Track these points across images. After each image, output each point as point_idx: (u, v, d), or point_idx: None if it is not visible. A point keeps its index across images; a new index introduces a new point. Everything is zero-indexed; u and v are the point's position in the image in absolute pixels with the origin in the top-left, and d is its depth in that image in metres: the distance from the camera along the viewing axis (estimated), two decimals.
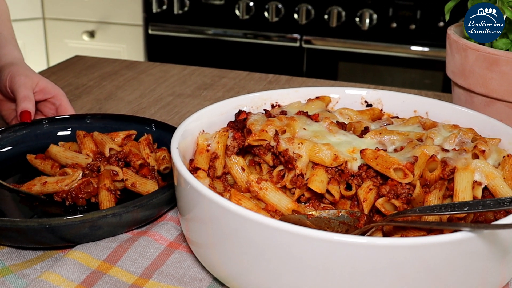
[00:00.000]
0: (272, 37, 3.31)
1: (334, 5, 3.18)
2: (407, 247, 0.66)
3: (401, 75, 3.29)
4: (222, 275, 0.78)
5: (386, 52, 3.22)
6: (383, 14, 3.15)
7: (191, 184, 0.75)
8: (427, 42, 3.15)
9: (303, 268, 0.69)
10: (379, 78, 3.31)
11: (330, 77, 3.27)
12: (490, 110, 1.01)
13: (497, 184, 0.83)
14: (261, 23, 3.29)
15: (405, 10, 3.12)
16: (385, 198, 0.84)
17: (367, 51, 3.25)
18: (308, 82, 1.61)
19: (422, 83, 3.28)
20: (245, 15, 3.28)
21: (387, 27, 3.17)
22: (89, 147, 1.04)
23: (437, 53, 3.15)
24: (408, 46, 3.17)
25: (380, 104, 1.07)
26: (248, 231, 0.70)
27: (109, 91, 1.49)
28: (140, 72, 1.64)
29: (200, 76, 1.64)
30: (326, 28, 3.24)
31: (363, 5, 3.15)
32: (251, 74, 1.67)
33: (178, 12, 3.31)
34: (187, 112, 1.38)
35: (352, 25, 3.20)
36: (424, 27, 3.12)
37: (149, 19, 3.36)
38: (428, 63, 3.20)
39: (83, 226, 0.83)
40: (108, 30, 3.45)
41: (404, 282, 0.68)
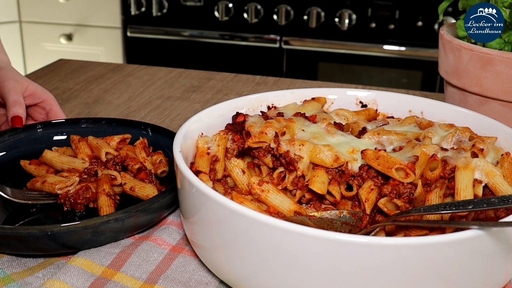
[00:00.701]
0: (252, 38, 3.31)
1: (313, 5, 3.19)
2: (417, 247, 0.66)
3: (380, 74, 3.32)
4: (229, 278, 0.78)
5: (366, 52, 3.25)
6: (362, 14, 3.17)
7: (197, 187, 0.75)
8: (405, 41, 3.18)
9: (311, 268, 0.69)
10: (358, 78, 3.33)
11: (310, 77, 3.28)
12: (484, 109, 1.02)
13: (497, 182, 0.83)
14: (241, 24, 3.29)
15: (384, 10, 3.15)
16: (387, 198, 0.84)
17: (347, 51, 3.27)
18: (295, 83, 1.62)
19: (401, 82, 3.31)
20: (224, 17, 3.27)
21: (366, 27, 3.19)
22: (85, 152, 1.03)
23: (416, 53, 3.18)
24: (387, 45, 3.20)
25: (375, 104, 1.08)
26: (257, 233, 0.70)
27: (96, 95, 1.48)
28: (126, 75, 1.63)
29: (188, 78, 1.63)
30: (306, 29, 3.25)
31: (342, 6, 3.17)
32: (238, 76, 1.66)
33: (156, 14, 3.29)
34: (177, 115, 1.37)
35: (331, 26, 3.21)
36: (403, 26, 3.15)
37: (128, 21, 3.34)
38: (407, 62, 3.23)
39: (85, 232, 0.82)
40: (86, 33, 3.42)
41: (411, 282, 0.69)
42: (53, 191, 0.95)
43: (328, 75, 3.36)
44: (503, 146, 0.93)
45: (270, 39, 3.30)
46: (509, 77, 0.97)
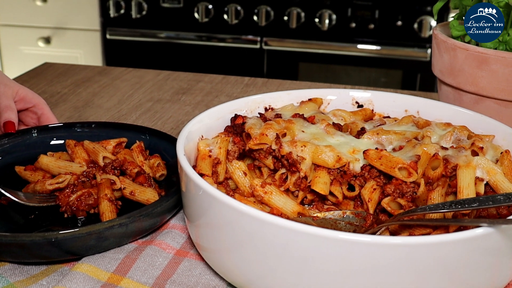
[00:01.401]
0: (232, 40, 3.31)
1: (294, 6, 3.20)
2: (427, 246, 0.67)
3: (360, 74, 3.34)
4: (237, 280, 0.77)
5: (346, 52, 3.26)
6: (342, 15, 3.19)
7: (204, 190, 0.75)
8: (385, 41, 3.20)
9: (322, 269, 0.69)
10: (338, 78, 3.35)
11: (290, 77, 3.29)
12: (479, 108, 1.03)
13: (498, 179, 0.84)
14: (221, 25, 3.28)
15: (364, 10, 3.17)
16: (391, 197, 0.85)
17: (327, 51, 3.28)
18: (284, 84, 1.62)
19: (381, 81, 3.34)
20: (204, 18, 3.26)
21: (346, 27, 3.21)
22: (81, 156, 1.01)
23: (395, 52, 3.21)
24: (367, 45, 3.22)
25: (371, 104, 1.09)
26: (266, 234, 0.70)
27: (85, 98, 1.46)
28: (114, 78, 1.61)
29: (176, 80, 1.62)
30: (286, 29, 3.25)
31: (322, 6, 3.18)
32: (227, 78, 1.66)
33: (136, 16, 3.27)
34: (169, 117, 1.36)
35: (311, 26, 3.23)
36: (383, 26, 3.17)
37: (107, 24, 3.31)
38: (387, 61, 3.26)
39: (89, 238, 0.81)
40: (65, 35, 3.38)
41: (420, 281, 0.69)
42: (44, 188, 0.94)
43: (309, 75, 3.37)
44: (501, 144, 0.94)
45: (250, 40, 3.30)
46: (505, 76, 0.98)
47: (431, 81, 3.23)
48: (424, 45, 3.15)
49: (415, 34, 3.14)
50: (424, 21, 3.09)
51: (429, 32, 3.11)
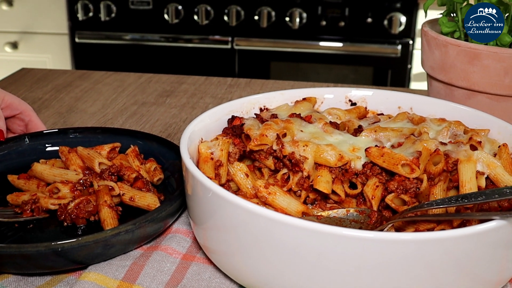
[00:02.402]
0: (203, 40, 3.30)
1: (264, 5, 3.21)
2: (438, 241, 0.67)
3: (331, 71, 3.36)
4: (250, 282, 0.77)
5: (317, 50, 3.28)
6: (312, 13, 3.20)
7: (213, 192, 0.74)
8: (356, 38, 3.23)
9: (335, 266, 0.69)
10: (310, 76, 3.36)
11: (262, 77, 3.29)
12: (471, 103, 1.05)
13: (498, 173, 0.86)
14: (191, 26, 3.27)
15: (334, 8, 3.19)
16: (395, 194, 0.86)
17: (298, 49, 3.30)
18: (267, 84, 1.62)
19: (350, 78, 3.36)
20: (174, 19, 3.24)
21: (317, 25, 3.23)
22: (76, 163, 1.00)
23: (366, 49, 3.24)
24: (338, 43, 3.25)
25: (364, 102, 1.09)
26: (279, 234, 0.70)
27: (68, 104, 1.44)
28: (95, 82, 1.59)
29: (158, 83, 1.60)
30: (257, 29, 3.26)
31: (293, 5, 3.20)
32: (209, 79, 1.65)
33: (105, 19, 3.23)
34: (156, 120, 1.35)
35: (282, 25, 3.24)
36: (353, 24, 3.20)
37: (75, 27, 3.27)
38: (358, 58, 3.28)
39: (96, 246, 0.79)
40: (32, 40, 3.32)
41: (432, 276, 0.70)
42: (46, 206, 0.92)
43: (281, 74, 3.38)
44: (496, 137, 0.96)
45: (221, 40, 3.30)
46: (496, 71, 1.00)
47: (402, 77, 3.27)
48: (394, 42, 3.19)
49: (385, 31, 3.18)
50: (394, 17, 3.13)
51: (399, 28, 3.15)
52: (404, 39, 3.19)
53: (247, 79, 1.65)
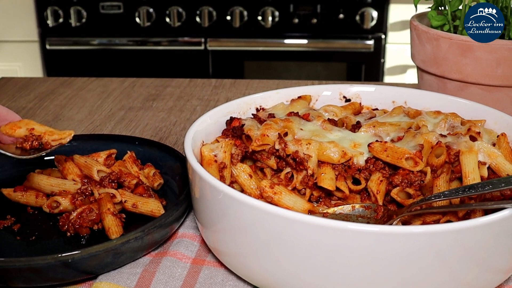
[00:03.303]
0: (176, 42, 3.28)
1: (236, 5, 3.20)
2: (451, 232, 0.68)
3: (306, 68, 3.37)
4: (265, 282, 0.77)
5: (291, 48, 3.29)
6: (284, 11, 3.21)
7: (224, 193, 0.74)
8: (329, 34, 3.24)
9: (351, 262, 0.69)
10: (285, 74, 3.37)
11: (236, 77, 3.29)
12: (464, 94, 1.06)
13: (499, 162, 0.87)
14: (163, 29, 3.24)
15: (306, 5, 3.20)
16: (400, 188, 0.86)
17: (272, 48, 3.30)
18: (252, 84, 1.62)
19: (324, 74, 3.38)
20: (146, 22, 3.22)
21: (290, 23, 3.23)
22: (74, 172, 0.98)
23: (339, 45, 3.26)
24: (311, 40, 3.26)
25: (358, 98, 1.10)
26: (294, 232, 0.70)
27: (54, 112, 1.41)
28: (78, 89, 1.57)
29: (143, 87, 1.59)
30: (230, 29, 3.25)
31: (264, 3, 3.20)
32: (193, 81, 1.64)
33: (76, 24, 3.19)
34: (146, 125, 1.34)
35: (255, 24, 3.24)
36: (325, 20, 3.21)
37: (45, 34, 3.22)
38: (332, 54, 3.30)
39: (106, 255, 0.78)
40: (2, 48, 3.26)
41: (445, 267, 0.70)
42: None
43: (255, 73, 3.38)
44: (492, 127, 0.97)
45: (194, 41, 3.28)
46: (489, 62, 1.01)
47: (375, 71, 3.30)
48: (366, 37, 3.21)
49: (357, 26, 3.20)
50: (365, 13, 3.15)
51: (371, 23, 3.17)
52: (376, 34, 3.21)
53: (231, 80, 1.65)
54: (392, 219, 0.82)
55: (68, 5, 3.14)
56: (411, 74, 3.32)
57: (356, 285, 0.72)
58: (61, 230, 0.90)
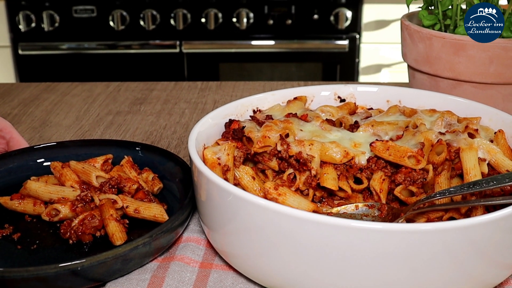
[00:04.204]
0: (151, 45, 3.26)
1: (210, 7, 3.20)
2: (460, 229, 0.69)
3: (282, 69, 3.39)
4: (276, 283, 0.77)
5: (266, 49, 3.30)
6: (259, 12, 3.22)
7: (234, 194, 0.74)
8: (304, 35, 3.26)
9: (364, 261, 0.70)
10: (261, 75, 3.37)
11: (211, 79, 3.28)
12: (457, 92, 1.08)
13: (498, 158, 0.88)
14: (138, 32, 3.22)
15: (280, 7, 3.22)
16: (403, 186, 0.87)
17: (247, 50, 3.30)
18: (239, 85, 1.62)
19: (300, 74, 3.40)
20: (120, 26, 3.19)
21: (265, 24, 3.24)
22: (72, 178, 0.96)
23: (314, 45, 3.28)
24: (286, 40, 3.27)
25: (353, 98, 1.11)
26: (306, 232, 0.70)
27: (40, 118, 1.39)
28: (62, 94, 1.55)
29: (128, 91, 1.58)
30: (205, 31, 3.24)
31: (239, 5, 3.20)
32: (179, 84, 1.63)
33: (48, 29, 3.15)
34: (136, 129, 1.33)
35: (230, 26, 3.23)
36: (300, 21, 3.23)
37: (18, 39, 3.17)
38: (307, 55, 3.32)
39: (115, 261, 0.77)
40: None
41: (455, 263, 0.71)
42: None
43: (230, 75, 3.38)
44: (488, 124, 0.98)
45: (169, 44, 3.27)
46: (481, 60, 1.03)
47: (350, 71, 3.33)
48: (341, 37, 3.24)
49: (332, 26, 3.22)
50: (340, 13, 3.17)
51: (345, 23, 3.20)
52: (350, 34, 3.24)
53: (217, 82, 1.64)
54: (400, 216, 0.83)
55: (41, 9, 3.10)
56: (385, 73, 3.36)
57: (369, 282, 0.72)
58: (62, 238, 0.89)
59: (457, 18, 1.07)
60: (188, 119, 1.37)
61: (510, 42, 1.00)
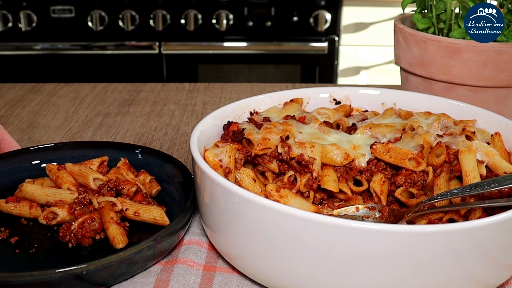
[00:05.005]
0: (130, 46, 3.23)
1: (190, 8, 3.18)
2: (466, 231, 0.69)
3: (260, 71, 3.39)
4: (282, 285, 0.76)
5: (245, 51, 3.30)
6: (239, 14, 3.21)
7: (240, 196, 0.73)
8: (284, 37, 3.27)
9: (372, 262, 0.70)
10: (240, 76, 3.37)
11: (190, 80, 3.27)
12: (451, 95, 1.09)
13: (496, 160, 0.90)
14: (117, 33, 3.20)
15: (260, 8, 3.22)
16: (403, 188, 0.88)
17: (226, 51, 3.30)
18: (227, 87, 1.61)
19: (275, 77, 3.40)
20: (99, 26, 3.16)
21: (244, 26, 3.24)
22: (69, 181, 0.95)
23: (293, 47, 3.29)
24: (266, 42, 3.27)
25: (348, 100, 1.11)
26: (314, 233, 0.70)
27: (28, 119, 1.37)
28: (49, 95, 1.52)
29: (115, 92, 1.56)
30: (184, 33, 3.23)
31: (219, 6, 3.19)
32: (166, 85, 1.62)
33: (26, 29, 3.11)
34: (126, 131, 1.31)
35: (209, 27, 3.23)
36: (279, 23, 3.23)
37: None
38: (286, 57, 3.33)
39: (120, 265, 0.76)
40: None
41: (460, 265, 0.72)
42: None
43: (209, 76, 3.37)
44: (483, 127, 1.00)
45: (148, 45, 3.24)
46: (476, 63, 1.04)
47: (329, 73, 3.35)
48: (320, 39, 3.25)
49: (312, 28, 3.24)
50: (319, 15, 3.19)
51: (324, 26, 3.21)
52: (330, 36, 3.26)
53: (205, 84, 1.64)
54: (404, 218, 0.83)
55: (18, 9, 3.06)
56: (364, 75, 3.38)
57: (375, 283, 0.72)
58: (60, 241, 0.88)
59: (451, 21, 1.08)
60: (179, 121, 1.37)
61: (504, 46, 1.02)
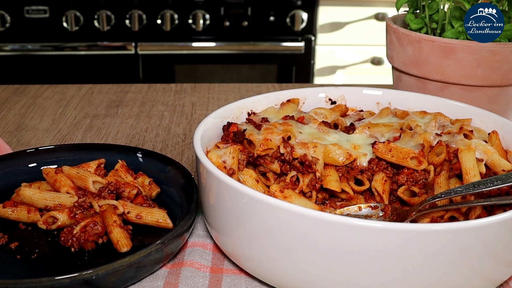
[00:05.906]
0: (105, 47, 3.20)
1: (166, 8, 3.16)
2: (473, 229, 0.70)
3: (237, 71, 3.38)
4: (292, 285, 0.76)
5: (222, 51, 3.29)
6: (215, 14, 3.21)
7: (249, 196, 0.73)
8: (260, 37, 3.27)
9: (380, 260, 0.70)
10: (216, 76, 3.36)
11: (167, 81, 3.25)
12: (444, 94, 1.11)
13: (495, 158, 0.91)
14: (92, 33, 3.16)
15: (236, 8, 3.21)
16: (405, 186, 0.88)
17: (203, 51, 3.29)
18: (214, 87, 1.61)
19: (250, 76, 3.40)
20: (74, 27, 3.13)
21: (221, 26, 3.23)
22: (67, 184, 0.94)
23: (270, 47, 3.29)
24: (242, 42, 3.27)
25: (344, 100, 1.12)
26: (324, 233, 0.70)
27: (14, 121, 1.35)
28: (34, 97, 1.50)
29: (102, 93, 1.54)
30: (161, 33, 3.21)
31: (195, 6, 3.18)
32: (153, 86, 1.61)
33: None
34: (116, 132, 1.30)
35: (186, 27, 3.21)
36: (256, 23, 3.23)
37: None
38: (263, 57, 3.33)
39: (129, 269, 0.75)
40: None
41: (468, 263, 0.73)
42: None
43: (185, 77, 3.35)
44: (479, 125, 1.01)
45: (124, 46, 3.21)
46: (470, 63, 1.06)
47: (306, 73, 3.36)
48: (297, 39, 3.26)
49: (288, 28, 3.25)
50: (296, 15, 3.20)
51: (301, 25, 3.22)
52: (306, 36, 3.27)
53: (191, 84, 1.63)
54: (409, 216, 0.84)
55: None
56: (340, 74, 3.40)
57: (386, 281, 0.73)
58: (61, 246, 0.86)
59: (444, 21, 1.10)
60: (169, 122, 1.36)
61: (497, 46, 1.04)
